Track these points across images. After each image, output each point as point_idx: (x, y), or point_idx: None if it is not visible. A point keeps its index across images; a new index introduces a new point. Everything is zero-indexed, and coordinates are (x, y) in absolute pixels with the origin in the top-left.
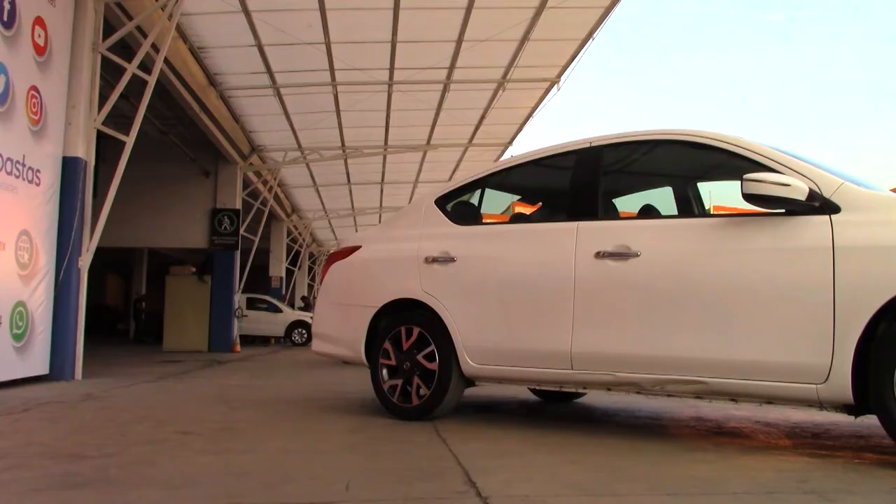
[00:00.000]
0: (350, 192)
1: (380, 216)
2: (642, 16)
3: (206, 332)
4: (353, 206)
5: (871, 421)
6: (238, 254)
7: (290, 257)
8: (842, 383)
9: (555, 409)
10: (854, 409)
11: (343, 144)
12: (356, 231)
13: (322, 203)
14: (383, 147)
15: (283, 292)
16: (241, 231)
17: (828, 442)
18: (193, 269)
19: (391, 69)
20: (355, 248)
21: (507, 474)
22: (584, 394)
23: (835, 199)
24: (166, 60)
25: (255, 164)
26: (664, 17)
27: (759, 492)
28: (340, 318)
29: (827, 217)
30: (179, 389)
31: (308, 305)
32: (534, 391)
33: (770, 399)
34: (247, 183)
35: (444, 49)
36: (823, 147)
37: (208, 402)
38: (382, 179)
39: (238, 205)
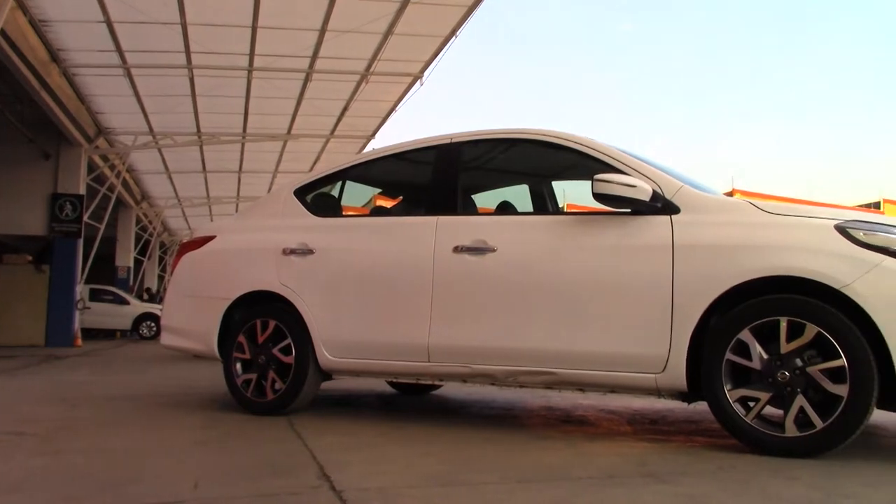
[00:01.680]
0: (205, 180)
1: (237, 206)
2: (510, 16)
3: (43, 326)
4: (208, 195)
5: (702, 407)
6: (81, 242)
7: (139, 247)
8: (677, 373)
9: (411, 401)
10: (687, 397)
11: (199, 130)
12: (211, 221)
13: (175, 191)
14: (242, 135)
15: (131, 283)
16: (85, 218)
17: (664, 427)
18: (30, 258)
19: (251, 55)
20: (209, 238)
21: (362, 467)
22: (440, 386)
23: (675, 201)
24: (2, 32)
25: (101, 148)
26: (532, 18)
27: (601, 476)
28: (192, 311)
29: (668, 217)
30: (12, 387)
31: (152, 297)
32: (391, 384)
33: (614, 388)
34: (92, 167)
35: (307, 37)
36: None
37: (45, 400)
38: (240, 168)
39: (82, 190)
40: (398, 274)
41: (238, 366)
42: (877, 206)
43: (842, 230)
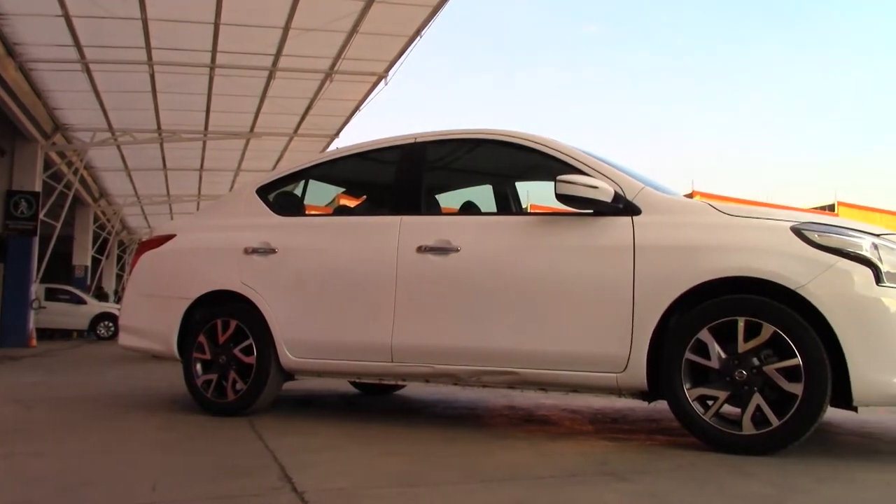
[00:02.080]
0: (166, 177)
1: (198, 204)
2: (475, 17)
3: None
4: (168, 193)
5: (661, 406)
6: (36, 240)
7: (97, 245)
8: (638, 372)
9: (374, 401)
10: (648, 396)
11: (159, 127)
12: (171, 219)
13: (134, 188)
14: (203, 132)
15: (89, 283)
16: (41, 216)
17: (625, 426)
18: None
19: (213, 52)
20: (169, 237)
21: (324, 468)
22: (403, 386)
23: (636, 202)
24: None
25: (58, 144)
26: (497, 19)
27: (563, 475)
28: (151, 311)
29: (629, 218)
30: None
31: (104, 296)
32: (354, 384)
33: (576, 388)
34: (49, 164)
35: (271, 35)
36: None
37: None
38: (202, 166)
39: (38, 187)
40: (361, 274)
41: (198, 366)
42: (831, 208)
43: (797, 232)
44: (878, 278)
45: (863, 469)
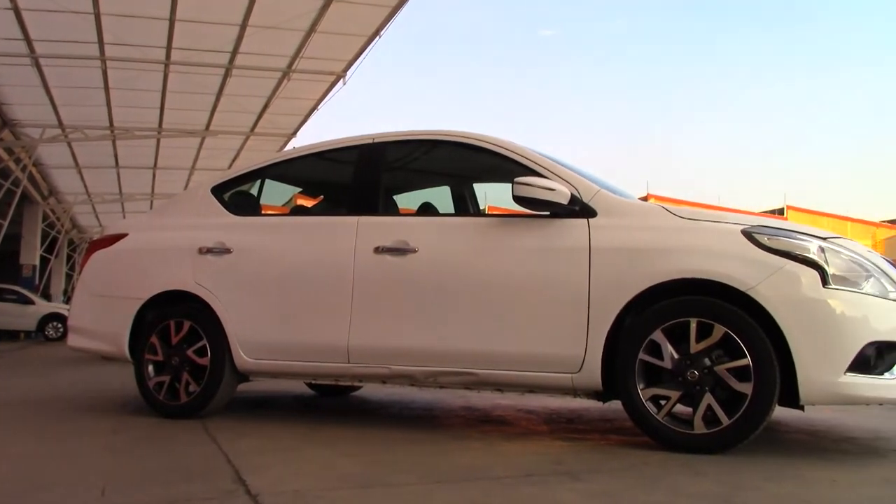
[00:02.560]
0: (118, 175)
1: (151, 203)
2: (434, 19)
3: None
4: (121, 191)
5: (616, 406)
6: None
7: (46, 244)
8: (593, 372)
9: (331, 402)
10: (602, 396)
11: (112, 124)
12: (124, 218)
13: (85, 186)
14: (157, 130)
15: (37, 282)
16: None
17: (580, 426)
18: None
19: (168, 48)
20: (121, 236)
21: (279, 470)
22: (360, 387)
23: (592, 204)
24: None
25: (6, 140)
26: (455, 22)
27: (519, 475)
28: (102, 311)
29: (585, 221)
30: None
31: (45, 296)
32: (310, 385)
33: (532, 388)
34: None
35: (227, 32)
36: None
37: None
38: (155, 164)
39: None
40: (318, 274)
41: (150, 368)
42: (781, 212)
43: (748, 235)
44: (825, 280)
45: (809, 466)
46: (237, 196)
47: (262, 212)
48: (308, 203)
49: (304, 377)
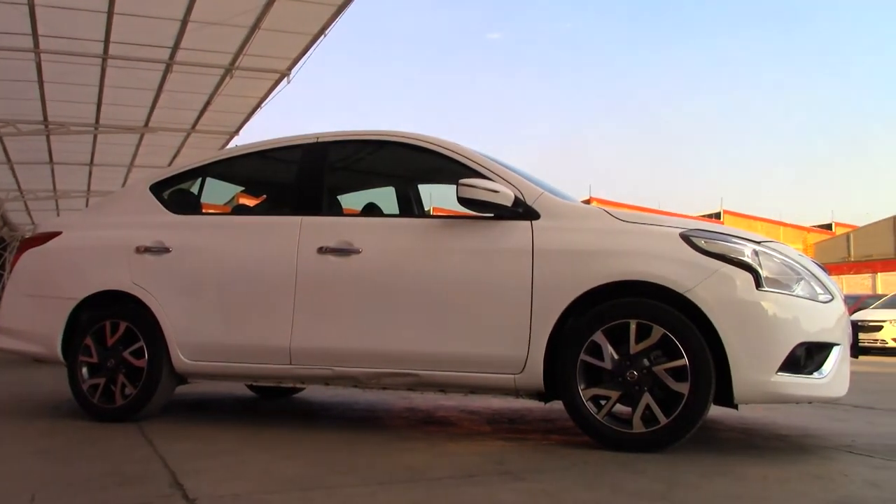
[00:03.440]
0: (52, 172)
1: (87, 201)
2: (380, 19)
3: None
4: (55, 188)
5: (557, 406)
6: None
7: None
8: (535, 373)
9: (272, 404)
10: (544, 396)
11: (46, 119)
12: (58, 216)
13: (18, 183)
14: (94, 125)
15: None
16: None
17: (522, 426)
18: None
19: (106, 42)
20: (55, 235)
21: (218, 474)
22: (302, 389)
23: (535, 207)
24: None
25: None
26: (402, 23)
27: (461, 475)
28: (34, 311)
29: (529, 223)
30: None
31: None
32: (251, 387)
33: (475, 389)
34: None
35: (168, 27)
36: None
37: None
38: (92, 161)
39: None
40: (260, 274)
41: (84, 370)
42: (717, 216)
43: (686, 238)
44: (759, 283)
45: (742, 463)
46: (177, 194)
47: (203, 211)
48: (250, 202)
49: (244, 379)
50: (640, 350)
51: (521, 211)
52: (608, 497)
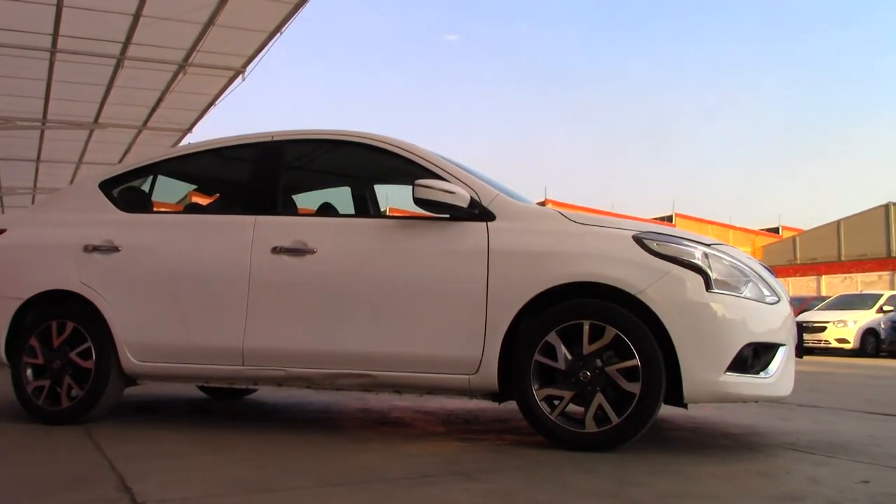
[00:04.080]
0: None
1: (33, 197)
2: (337, 19)
3: None
4: (0, 185)
5: (511, 406)
6: None
7: None
8: (490, 374)
9: (224, 406)
10: (498, 397)
11: None
12: (2, 213)
13: None
14: (42, 120)
15: None
16: None
17: (476, 427)
18: None
19: (55, 35)
20: None
21: (167, 476)
22: (255, 390)
23: (491, 208)
24: None
25: None
26: (359, 23)
27: (416, 476)
28: None
29: (484, 224)
30: None
31: None
32: (202, 388)
33: (430, 390)
34: None
35: (120, 21)
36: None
37: None
38: (39, 157)
39: None
40: (212, 274)
41: (29, 371)
42: (669, 219)
43: (638, 240)
44: (708, 285)
45: (691, 461)
46: (127, 192)
47: (154, 209)
48: (203, 201)
49: (196, 380)
50: (593, 351)
51: (477, 212)
52: (560, 496)
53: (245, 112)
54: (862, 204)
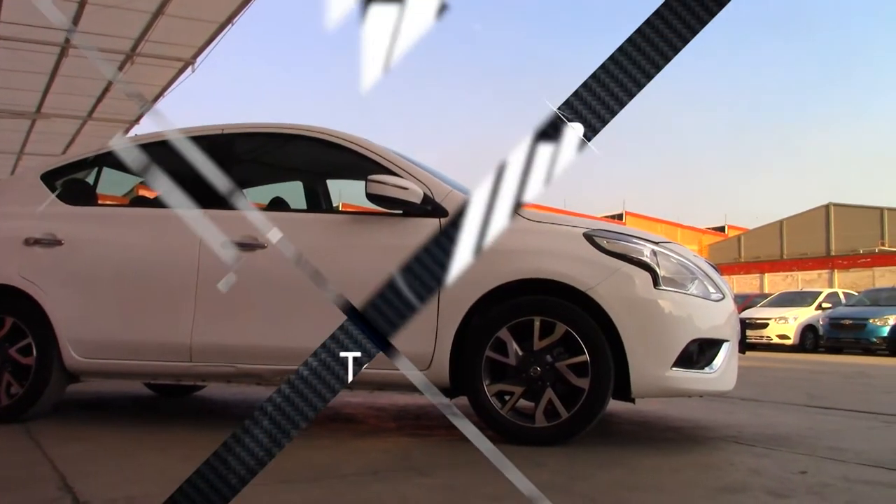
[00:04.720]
0: None
1: None
2: (289, 10)
3: None
4: None
5: (462, 402)
6: None
7: None
8: (441, 369)
9: (170, 403)
10: (450, 392)
11: None
12: None
13: None
14: None
15: None
16: None
17: (427, 422)
18: None
19: None
20: None
21: (111, 476)
22: (203, 387)
23: (444, 204)
24: None
25: None
26: (307, 15)
27: (367, 472)
28: None
29: (437, 220)
30: None
31: None
32: (149, 385)
33: (382, 386)
34: None
35: (64, 8)
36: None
37: None
38: None
39: None
40: (159, 269)
41: None
42: (620, 217)
43: (589, 238)
44: (656, 282)
45: (638, 455)
46: (71, 184)
47: (99, 202)
48: (150, 194)
49: (142, 377)
50: (544, 346)
51: (430, 208)
52: (510, 490)
53: (195, 104)
54: (804, 204)
